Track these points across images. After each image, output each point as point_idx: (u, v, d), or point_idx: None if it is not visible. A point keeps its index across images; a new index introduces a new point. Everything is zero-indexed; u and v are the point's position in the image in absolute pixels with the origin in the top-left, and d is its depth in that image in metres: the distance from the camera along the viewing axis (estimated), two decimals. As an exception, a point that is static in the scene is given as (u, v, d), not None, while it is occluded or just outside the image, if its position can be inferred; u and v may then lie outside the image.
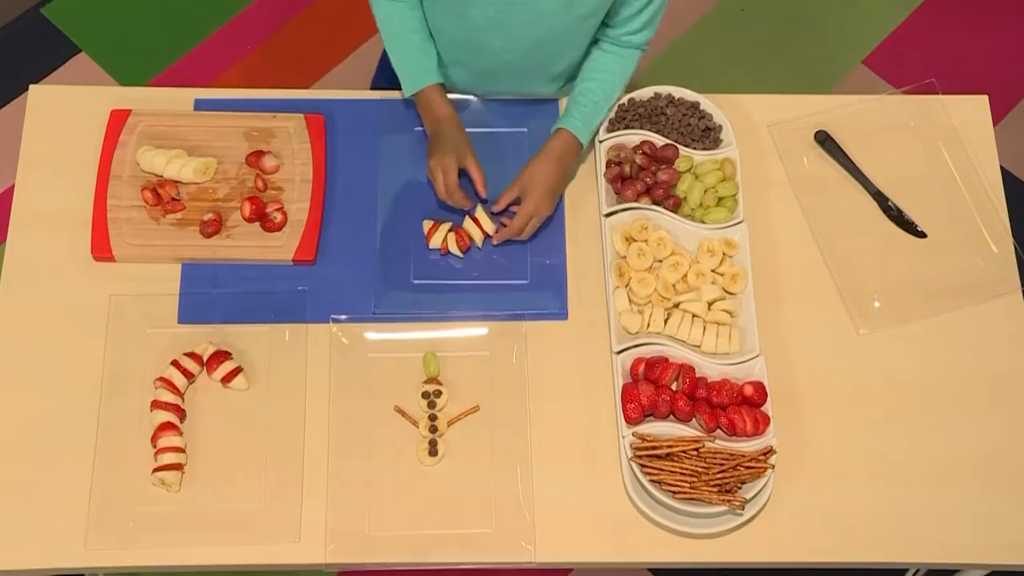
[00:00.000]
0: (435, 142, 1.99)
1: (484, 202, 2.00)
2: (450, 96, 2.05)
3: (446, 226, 1.98)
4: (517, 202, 1.97)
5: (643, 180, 2.02)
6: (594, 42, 2.03)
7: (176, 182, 2.00)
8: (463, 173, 1.99)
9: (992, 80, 3.37)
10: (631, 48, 2.02)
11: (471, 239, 1.98)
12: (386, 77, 2.22)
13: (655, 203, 2.01)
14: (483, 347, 1.93)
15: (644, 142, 2.05)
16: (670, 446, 1.80)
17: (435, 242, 1.98)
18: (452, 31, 1.99)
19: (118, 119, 2.04)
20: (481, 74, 2.07)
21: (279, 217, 1.98)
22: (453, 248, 1.98)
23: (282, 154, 2.04)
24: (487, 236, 1.99)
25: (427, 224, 2.00)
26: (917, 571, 2.20)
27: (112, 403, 1.86)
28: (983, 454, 1.90)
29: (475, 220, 1.98)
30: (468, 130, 2.02)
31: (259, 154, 2.01)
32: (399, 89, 2.07)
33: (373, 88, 2.33)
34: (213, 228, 1.97)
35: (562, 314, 1.96)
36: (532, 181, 1.96)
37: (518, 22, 1.92)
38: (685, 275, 1.96)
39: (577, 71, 2.08)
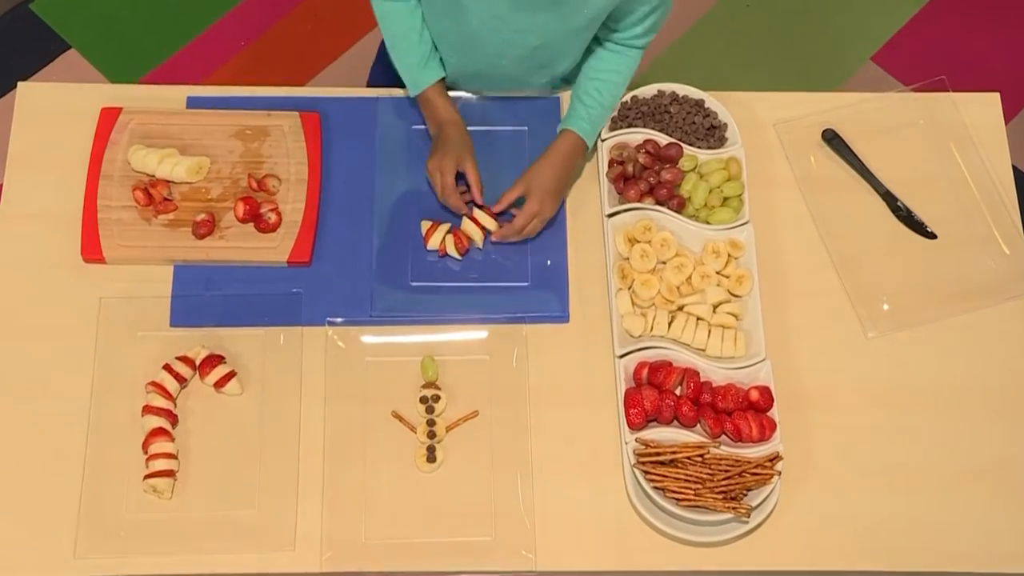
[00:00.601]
0: (436, 144, 2.00)
1: (481, 206, 2.00)
2: (451, 93, 2.05)
3: (444, 227, 1.99)
4: (519, 204, 1.97)
5: (646, 180, 2.02)
6: (596, 40, 2.03)
7: (168, 182, 2.00)
8: (461, 177, 1.99)
9: (1004, 77, 3.37)
10: (635, 48, 2.02)
11: (470, 240, 1.98)
12: (383, 74, 2.22)
13: (659, 203, 2.01)
14: (482, 351, 1.93)
15: (647, 141, 2.05)
16: (674, 452, 1.80)
17: (433, 243, 1.98)
18: (447, 33, 1.99)
19: (108, 117, 2.05)
20: (476, 75, 2.07)
21: (273, 218, 1.98)
22: (451, 250, 1.98)
23: (276, 153, 2.04)
24: (487, 233, 1.99)
25: (425, 224, 2.00)
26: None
27: (102, 408, 1.85)
28: (995, 460, 1.90)
29: (474, 219, 1.99)
30: (470, 128, 2.02)
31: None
32: (396, 86, 2.07)
33: (369, 85, 2.33)
34: (206, 229, 1.97)
35: (563, 317, 1.96)
36: (536, 181, 1.96)
37: (513, 29, 1.92)
38: (689, 277, 1.96)
39: (574, 73, 2.08)
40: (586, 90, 2.03)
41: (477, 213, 1.99)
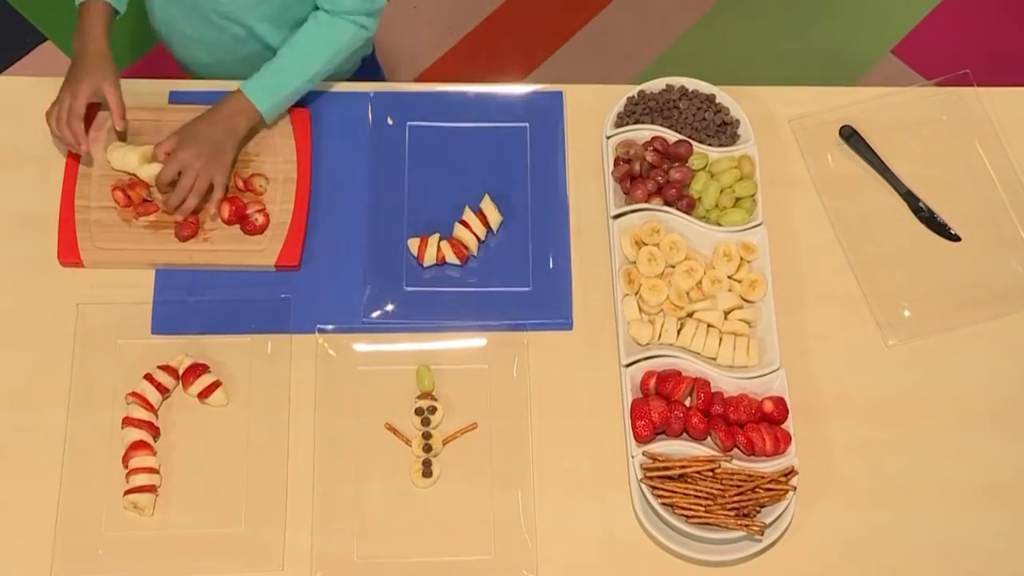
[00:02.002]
0: (73, 68, 1.96)
1: (122, 135, 2.00)
2: (443, 88, 2.05)
3: (435, 238, 1.99)
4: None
5: (654, 179, 2.02)
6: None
7: (148, 184, 2.00)
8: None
9: (1032, 71, 3.38)
10: (340, 17, 2.03)
11: (466, 248, 1.98)
12: (368, 67, 2.23)
13: (667, 204, 2.02)
14: (481, 359, 1.94)
15: (655, 138, 2.06)
16: (683, 467, 1.81)
17: (429, 259, 1.98)
18: None
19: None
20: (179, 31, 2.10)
21: (260, 219, 1.99)
22: (451, 258, 1.98)
23: (264, 151, 2.04)
24: (481, 241, 2.00)
25: (414, 243, 1.99)
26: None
27: (80, 420, 1.86)
28: (1023, 476, 1.90)
29: (465, 224, 1.98)
30: (465, 124, 2.04)
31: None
32: (384, 80, 2.07)
33: (356, 78, 2.33)
34: (189, 231, 1.97)
35: (567, 324, 1.97)
36: (192, 132, 1.96)
37: None
38: (699, 282, 1.97)
39: (301, 18, 2.08)
40: (275, 56, 2.03)
41: (468, 216, 1.99)
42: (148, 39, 3.20)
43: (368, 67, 2.37)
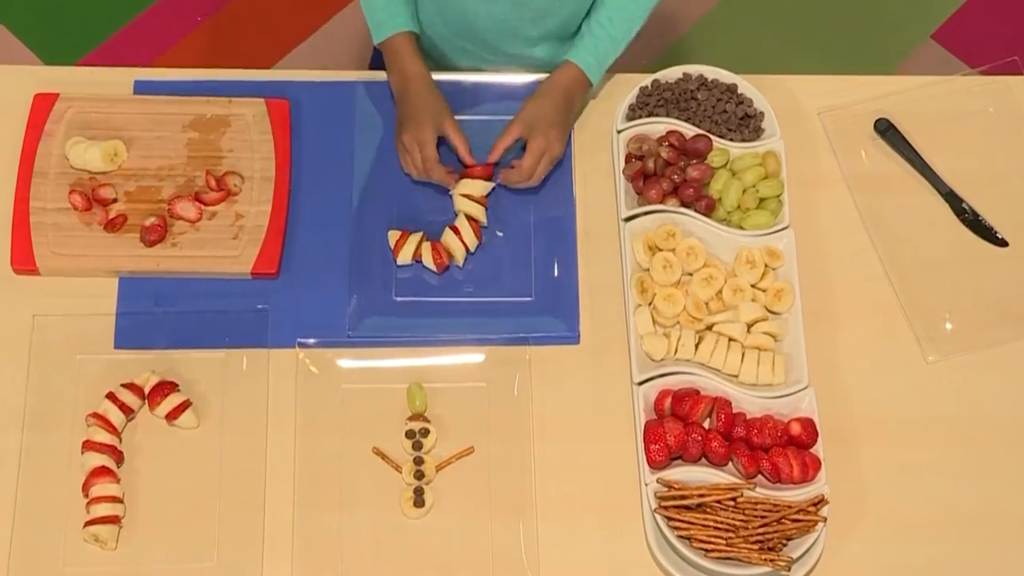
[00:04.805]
0: (406, 109, 2.01)
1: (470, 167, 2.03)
2: (436, 78, 2.06)
3: (416, 237, 1.99)
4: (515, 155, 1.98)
5: (669, 178, 2.03)
6: None
7: (110, 183, 2.01)
8: (442, 142, 2.01)
9: (1087, 58, 3.38)
10: None
11: (451, 256, 1.99)
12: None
13: (684, 205, 2.02)
14: (479, 377, 1.95)
15: (671, 132, 2.07)
16: (702, 495, 1.81)
17: (404, 257, 1.99)
18: None
19: (43, 104, 2.06)
20: (458, 30, 2.09)
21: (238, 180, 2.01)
22: (427, 262, 1.98)
23: (239, 147, 2.05)
24: (470, 252, 2.01)
25: (394, 236, 2.00)
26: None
27: (35, 444, 1.86)
28: (1076, 505, 1.91)
29: (456, 231, 1.99)
30: (463, 118, 2.04)
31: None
32: (383, 69, 2.08)
33: (372, 67, 2.32)
34: (156, 235, 1.98)
35: (573, 337, 1.98)
36: (537, 117, 2.00)
37: None
38: (720, 291, 1.98)
39: (575, 30, 2.11)
40: (597, 20, 2.07)
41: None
42: (111, 22, 3.22)
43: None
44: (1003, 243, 2.08)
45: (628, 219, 2.02)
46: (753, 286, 1.98)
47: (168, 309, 1.96)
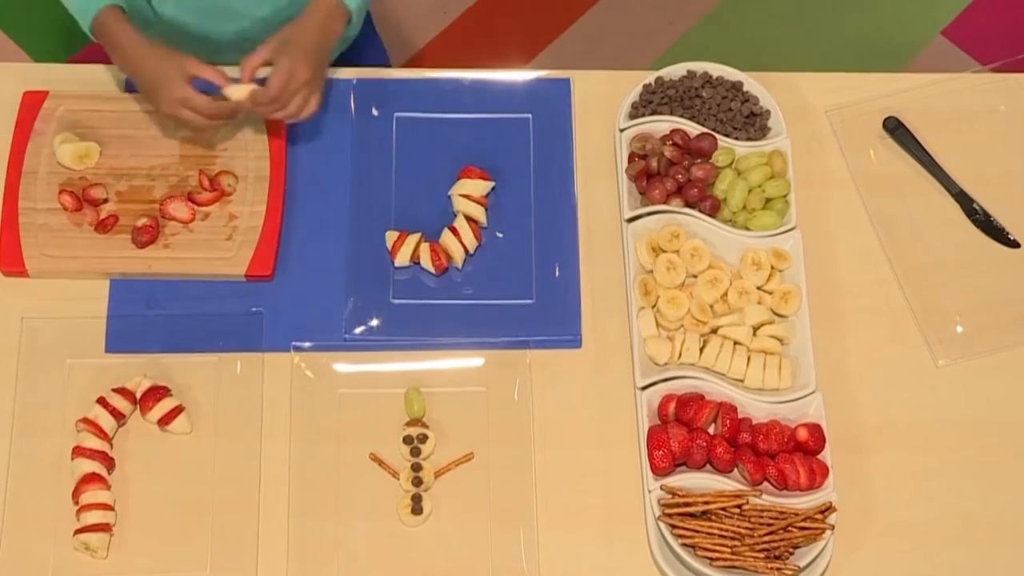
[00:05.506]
0: (145, 77, 1.95)
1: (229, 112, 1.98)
2: (434, 76, 2.05)
3: (414, 238, 1.99)
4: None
5: (673, 177, 2.03)
6: None
7: (101, 183, 2.01)
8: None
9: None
10: None
11: (450, 258, 2.00)
12: (369, 48, 2.24)
13: (688, 205, 2.03)
14: (478, 381, 1.95)
15: (675, 131, 2.07)
16: (707, 502, 1.81)
17: (401, 258, 1.99)
18: None
19: (32, 102, 2.06)
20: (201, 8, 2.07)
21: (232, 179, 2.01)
22: (426, 263, 1.99)
23: (232, 145, 2.05)
24: (469, 253, 2.01)
25: (391, 236, 2.00)
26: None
27: (24, 450, 1.86)
28: (1090, 512, 1.91)
29: (455, 231, 1.99)
30: (460, 115, 2.04)
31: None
32: (383, 66, 2.08)
33: (357, 63, 2.32)
34: (148, 236, 1.98)
35: (574, 341, 1.98)
36: (288, 37, 1.95)
37: None
38: (725, 294, 1.98)
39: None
40: None
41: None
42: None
43: (369, 49, 2.38)
44: (1015, 244, 2.08)
45: (631, 220, 2.02)
46: (759, 288, 1.98)
47: (160, 312, 1.96)
